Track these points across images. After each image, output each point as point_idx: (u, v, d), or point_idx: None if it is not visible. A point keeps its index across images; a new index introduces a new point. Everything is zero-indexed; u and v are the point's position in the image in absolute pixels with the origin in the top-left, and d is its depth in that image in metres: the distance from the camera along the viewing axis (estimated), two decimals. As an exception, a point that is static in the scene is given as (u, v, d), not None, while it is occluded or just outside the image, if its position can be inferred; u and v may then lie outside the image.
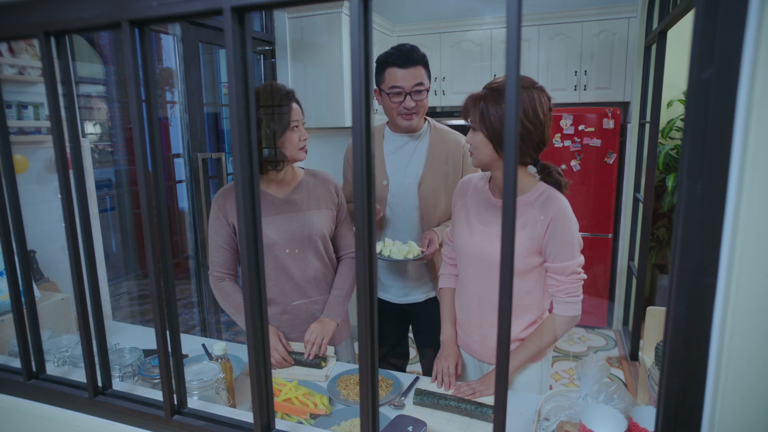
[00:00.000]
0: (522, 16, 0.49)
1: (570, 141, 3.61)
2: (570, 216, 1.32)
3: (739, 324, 0.52)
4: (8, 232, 0.90)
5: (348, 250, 1.69)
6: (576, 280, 1.34)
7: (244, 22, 0.63)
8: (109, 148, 3.37)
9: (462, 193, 1.52)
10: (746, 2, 0.46)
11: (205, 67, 3.09)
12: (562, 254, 1.32)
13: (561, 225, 1.31)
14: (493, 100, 1.26)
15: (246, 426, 0.81)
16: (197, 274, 3.13)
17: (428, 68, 1.75)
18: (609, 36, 3.56)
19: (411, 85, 1.71)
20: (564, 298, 1.35)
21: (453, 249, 1.55)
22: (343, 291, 1.63)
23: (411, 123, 1.77)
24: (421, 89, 1.72)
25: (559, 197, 1.34)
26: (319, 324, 1.55)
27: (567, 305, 1.35)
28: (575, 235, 1.33)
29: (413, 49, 1.72)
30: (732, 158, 0.50)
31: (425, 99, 1.76)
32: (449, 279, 1.60)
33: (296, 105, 1.50)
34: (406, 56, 1.70)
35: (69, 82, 0.78)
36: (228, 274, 1.57)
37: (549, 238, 1.32)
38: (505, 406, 0.59)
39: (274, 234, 1.53)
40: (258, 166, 1.23)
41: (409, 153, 1.84)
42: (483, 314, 1.45)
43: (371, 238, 0.61)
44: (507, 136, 0.52)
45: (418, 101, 1.73)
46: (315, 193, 1.60)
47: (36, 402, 0.96)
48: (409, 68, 1.70)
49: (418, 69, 1.71)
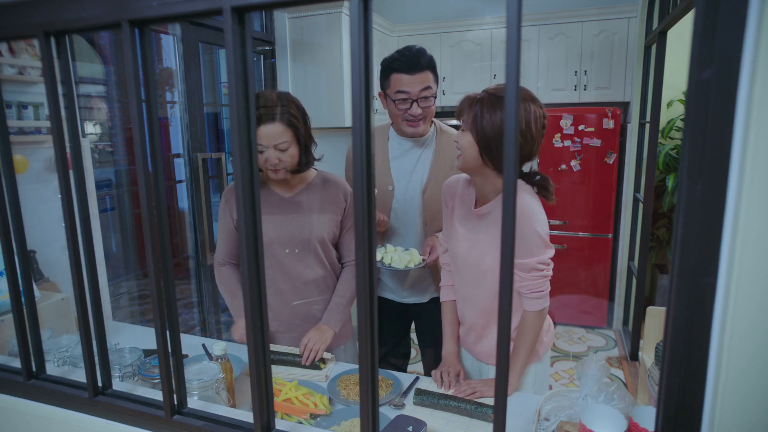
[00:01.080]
0: (522, 16, 0.49)
1: (570, 141, 3.61)
2: (528, 214, 1.30)
3: (739, 324, 0.52)
4: (8, 232, 0.90)
5: (352, 257, 1.68)
6: (537, 277, 1.34)
7: (244, 22, 0.63)
8: (109, 148, 3.37)
9: (450, 196, 1.51)
10: (746, 2, 0.46)
11: (205, 67, 3.09)
12: (520, 251, 1.33)
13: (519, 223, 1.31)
14: (490, 105, 1.25)
15: (246, 426, 0.81)
16: (197, 274, 3.13)
17: (436, 71, 1.68)
18: (609, 36, 3.56)
19: (417, 91, 1.64)
20: (528, 294, 1.36)
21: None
22: (344, 299, 1.62)
23: (417, 130, 1.73)
24: (428, 95, 1.66)
25: (521, 197, 1.31)
26: (317, 331, 1.55)
27: (531, 300, 1.36)
28: (535, 233, 1.31)
29: (419, 53, 1.64)
30: (732, 158, 0.50)
31: (432, 105, 1.70)
32: (450, 291, 1.57)
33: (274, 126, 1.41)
34: (412, 61, 1.62)
35: (69, 82, 0.78)
36: (229, 262, 1.65)
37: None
38: (505, 406, 0.59)
39: (272, 233, 1.54)
40: (258, 167, 1.25)
41: (414, 158, 1.80)
42: (475, 317, 1.47)
43: (371, 240, 0.61)
44: (507, 135, 0.52)
45: (425, 108, 1.67)
46: (322, 196, 1.58)
47: (36, 402, 0.96)
48: (416, 74, 1.62)
49: (425, 74, 1.63)
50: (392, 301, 1.93)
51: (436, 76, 1.69)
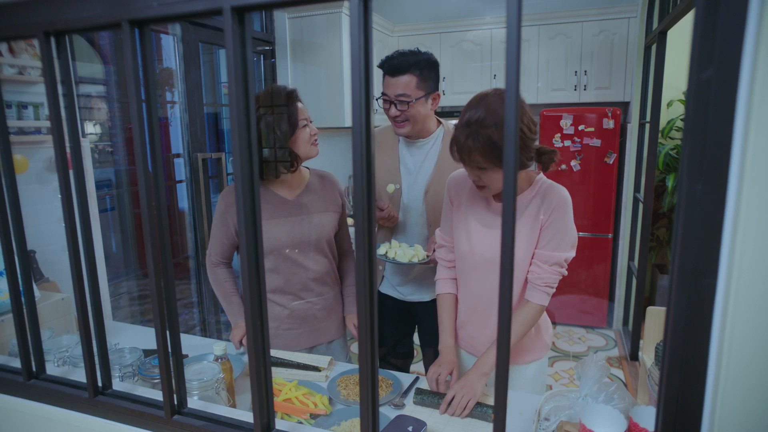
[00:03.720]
0: (522, 16, 0.49)
1: (570, 141, 3.61)
2: (570, 207, 1.33)
3: (739, 324, 0.52)
4: (8, 232, 0.90)
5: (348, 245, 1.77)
6: (557, 272, 1.34)
7: (244, 22, 0.63)
8: (109, 148, 3.37)
9: (456, 191, 1.49)
10: (746, 2, 0.46)
11: (205, 67, 3.09)
12: (553, 242, 1.33)
13: (561, 213, 1.32)
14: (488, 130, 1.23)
15: (246, 426, 0.80)
16: (197, 274, 3.13)
17: (423, 75, 1.65)
18: (609, 36, 3.56)
19: (394, 95, 1.66)
20: (541, 285, 1.34)
21: (451, 251, 1.53)
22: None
23: (401, 131, 1.73)
24: (403, 99, 1.65)
25: (560, 188, 1.35)
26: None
27: (541, 293, 1.35)
28: (571, 229, 1.33)
29: (402, 57, 1.64)
30: (732, 158, 0.50)
31: (411, 110, 1.67)
32: (448, 284, 1.54)
33: (301, 104, 1.53)
34: (393, 65, 1.65)
35: (69, 82, 0.78)
36: (223, 262, 1.65)
37: (547, 225, 1.33)
38: (505, 406, 0.59)
39: (285, 236, 1.56)
40: (258, 167, 1.25)
41: (421, 158, 1.82)
42: (491, 316, 1.44)
43: (371, 239, 0.61)
44: (507, 135, 0.52)
45: (401, 111, 1.67)
46: (322, 195, 1.64)
47: (36, 402, 0.96)
48: (396, 77, 1.64)
49: (404, 78, 1.63)
50: (394, 299, 1.94)
51: (424, 80, 1.66)
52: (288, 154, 1.50)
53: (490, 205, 1.41)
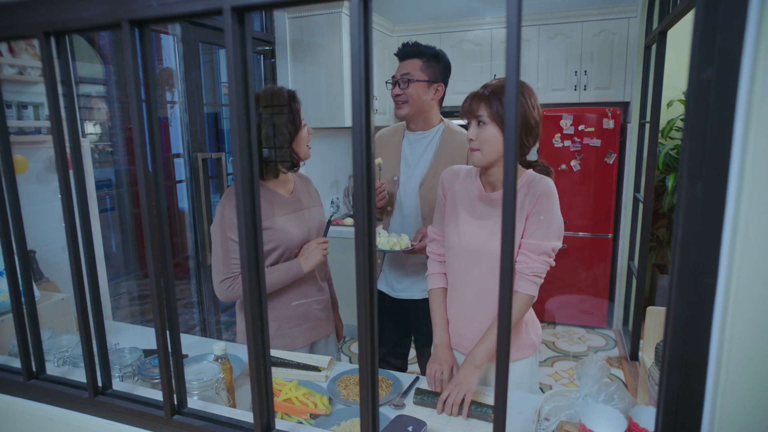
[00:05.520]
0: (522, 16, 0.49)
1: (570, 141, 3.61)
2: (556, 197, 1.34)
3: (739, 324, 0.52)
4: (8, 232, 0.90)
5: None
6: (545, 262, 1.34)
7: (244, 22, 0.63)
8: (109, 148, 3.37)
9: (449, 184, 1.50)
10: (746, 2, 0.46)
11: (205, 67, 3.09)
12: (540, 231, 1.33)
13: (546, 203, 1.33)
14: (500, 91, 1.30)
15: (246, 426, 0.81)
16: (197, 274, 3.13)
17: (428, 63, 1.79)
18: (609, 36, 3.56)
19: (400, 74, 1.79)
20: (529, 275, 1.34)
21: (442, 245, 1.52)
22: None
23: (400, 112, 1.83)
24: (407, 78, 1.78)
25: (546, 179, 1.37)
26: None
27: (530, 283, 1.34)
28: (557, 218, 1.34)
29: (414, 44, 1.81)
30: (732, 158, 0.50)
31: (411, 90, 1.79)
32: (439, 278, 1.54)
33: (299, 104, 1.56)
34: (404, 50, 1.82)
35: (69, 82, 0.78)
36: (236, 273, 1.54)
37: (532, 215, 1.34)
38: (505, 406, 0.59)
39: (296, 230, 1.58)
40: (258, 167, 1.26)
41: (420, 152, 1.88)
42: (479, 309, 1.43)
43: (371, 239, 0.61)
44: (507, 135, 0.52)
45: (404, 90, 1.79)
46: (308, 191, 1.71)
47: (36, 402, 0.96)
48: (404, 60, 1.80)
49: (410, 61, 1.78)
50: (388, 297, 1.95)
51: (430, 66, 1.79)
52: (289, 154, 1.52)
53: (480, 195, 1.42)
